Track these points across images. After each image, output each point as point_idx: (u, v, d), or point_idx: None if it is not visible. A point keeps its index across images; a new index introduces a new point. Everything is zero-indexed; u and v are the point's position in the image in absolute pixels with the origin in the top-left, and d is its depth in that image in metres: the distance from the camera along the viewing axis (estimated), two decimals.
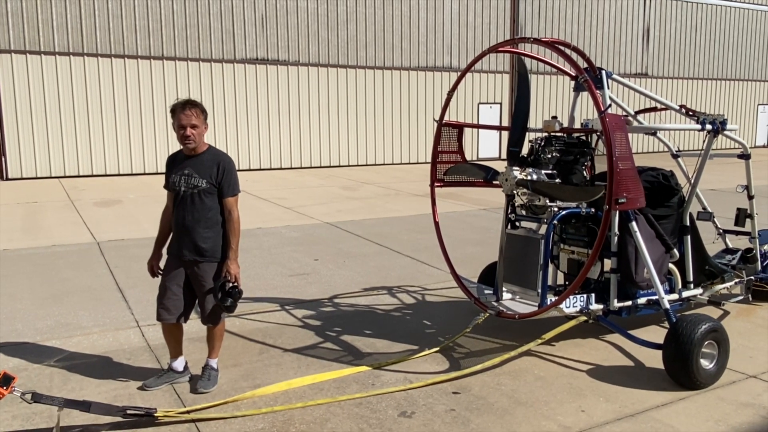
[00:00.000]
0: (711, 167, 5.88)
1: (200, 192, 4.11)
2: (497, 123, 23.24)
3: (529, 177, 4.71)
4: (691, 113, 5.17)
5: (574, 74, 4.85)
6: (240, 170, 13.35)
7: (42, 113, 17.21)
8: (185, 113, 4.05)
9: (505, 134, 5.37)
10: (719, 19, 28.70)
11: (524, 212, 5.04)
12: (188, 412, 3.83)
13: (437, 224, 5.83)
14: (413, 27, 21.79)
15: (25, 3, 16.70)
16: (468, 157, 6.08)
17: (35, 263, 7.93)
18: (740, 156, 5.69)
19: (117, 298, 6.42)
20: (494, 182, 5.10)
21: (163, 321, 4.22)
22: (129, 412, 3.65)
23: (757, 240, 5.89)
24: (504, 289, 5.05)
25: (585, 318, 4.73)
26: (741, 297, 5.82)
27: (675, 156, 6.16)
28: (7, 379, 3.35)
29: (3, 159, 16.94)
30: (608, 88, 4.64)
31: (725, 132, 5.13)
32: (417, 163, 22.31)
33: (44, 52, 17.06)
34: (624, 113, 5.40)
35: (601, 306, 4.79)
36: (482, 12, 22.83)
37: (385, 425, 3.76)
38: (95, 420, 3.74)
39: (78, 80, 17.52)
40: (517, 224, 5.06)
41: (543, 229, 4.83)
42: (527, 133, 5.13)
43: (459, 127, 5.79)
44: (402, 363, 4.67)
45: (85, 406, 3.58)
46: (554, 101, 24.54)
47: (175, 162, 4.23)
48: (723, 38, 29.00)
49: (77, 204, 12.97)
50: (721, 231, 6.26)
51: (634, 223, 4.52)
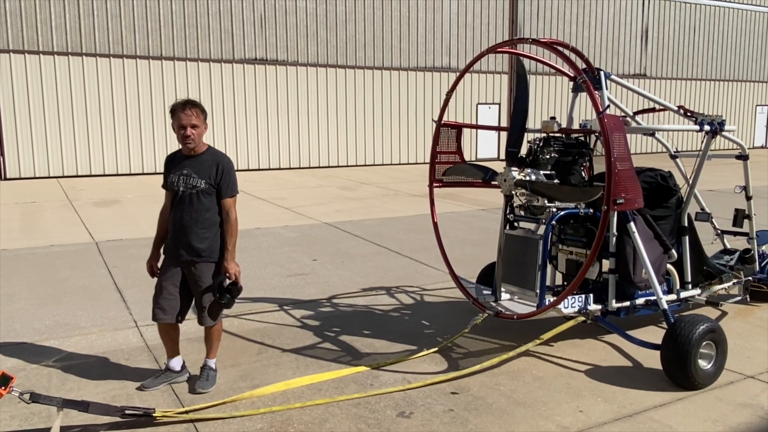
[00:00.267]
0: (709, 168, 5.89)
1: (199, 192, 4.10)
2: (496, 123, 23.26)
3: (528, 177, 4.72)
4: (690, 114, 5.17)
5: (573, 75, 4.86)
6: (238, 170, 13.37)
7: (40, 113, 17.20)
8: (186, 113, 4.04)
9: (504, 135, 5.37)
10: (717, 20, 28.74)
11: (523, 213, 5.04)
12: (186, 412, 3.83)
13: (436, 225, 5.84)
14: (412, 27, 21.80)
15: (24, 3, 16.68)
16: (467, 158, 6.08)
17: (33, 263, 7.92)
18: (738, 157, 5.70)
19: (115, 298, 6.41)
20: (493, 183, 5.11)
21: (159, 321, 4.22)
22: (127, 412, 3.65)
23: (755, 241, 5.90)
24: (502, 290, 5.05)
25: (583, 318, 4.74)
26: (739, 297, 5.82)
27: (673, 157, 6.17)
28: (6, 379, 3.35)
29: (1, 159, 16.92)
30: (607, 89, 4.64)
31: (723, 133, 5.14)
32: (416, 164, 22.32)
33: (43, 52, 17.04)
34: (622, 114, 5.41)
35: (600, 306, 4.80)
36: (481, 12, 22.85)
37: (384, 425, 3.76)
38: (94, 420, 3.74)
39: (76, 80, 17.50)
40: (516, 225, 5.06)
41: (541, 230, 4.84)
42: (526, 134, 5.14)
43: (458, 128, 5.79)
44: (400, 363, 4.68)
45: (84, 406, 3.59)
46: (553, 102, 24.57)
47: (174, 162, 4.23)
48: (721, 39, 29.04)
49: (76, 204, 12.96)
50: (720, 232, 6.27)
51: (633, 224, 4.53)
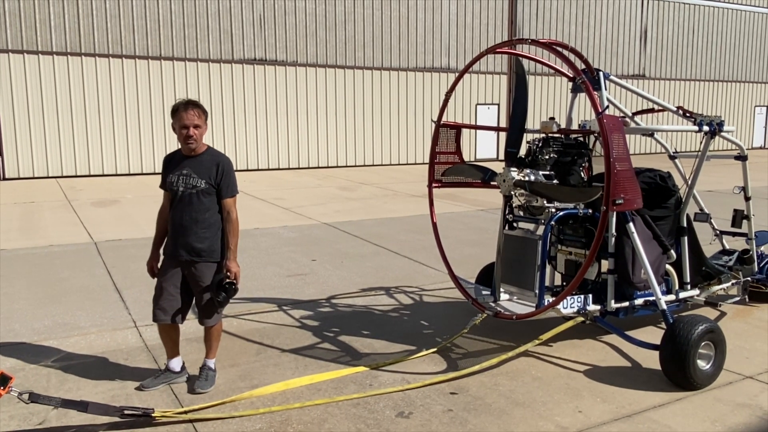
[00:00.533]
0: (708, 168, 5.90)
1: (199, 192, 4.10)
2: (495, 124, 23.27)
3: (527, 178, 4.72)
4: (689, 115, 5.18)
5: (572, 75, 4.86)
6: (238, 170, 13.37)
7: (39, 113, 17.19)
8: (189, 113, 4.04)
9: (503, 135, 5.38)
10: (716, 21, 28.77)
11: (522, 213, 5.05)
12: (186, 413, 3.83)
13: (435, 225, 5.84)
14: (411, 28, 21.81)
15: (23, 3, 16.67)
16: (466, 158, 6.08)
17: (32, 263, 7.91)
18: (737, 157, 5.71)
19: (114, 299, 6.41)
20: (492, 183, 5.11)
21: (160, 321, 4.21)
22: (126, 413, 3.65)
23: (754, 241, 5.91)
24: (501, 290, 5.05)
25: (582, 319, 4.74)
26: (738, 298, 5.83)
27: (672, 157, 6.18)
28: (5, 379, 3.34)
29: (0, 159, 16.91)
30: (606, 90, 4.65)
31: (722, 133, 5.14)
32: (415, 164, 22.33)
33: (42, 52, 17.04)
34: (621, 114, 5.42)
35: (599, 307, 4.80)
36: (480, 13, 22.86)
37: (383, 425, 3.76)
38: (93, 420, 3.73)
39: (75, 80, 17.49)
40: (515, 225, 5.06)
41: (540, 230, 4.84)
42: (525, 134, 5.14)
43: (457, 128, 5.79)
44: (400, 363, 4.68)
45: (83, 406, 3.59)
46: (552, 102, 24.59)
47: (173, 162, 4.22)
48: (720, 40, 29.08)
49: (74, 204, 12.95)
50: (718, 232, 6.28)
51: (632, 224, 4.53)
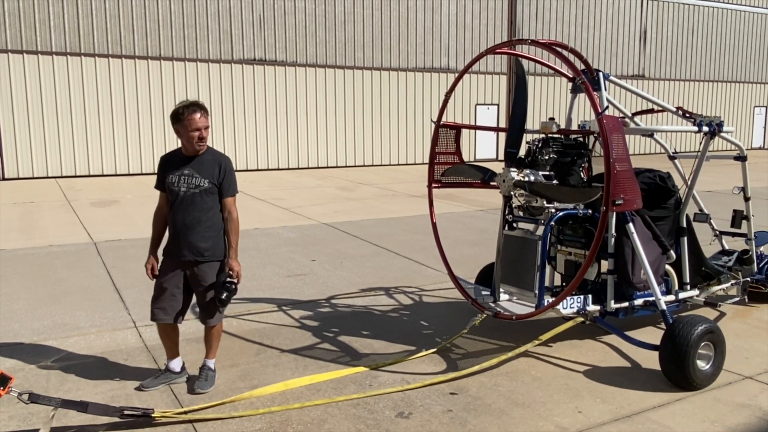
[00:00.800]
0: (707, 169, 5.91)
1: (202, 192, 4.11)
2: (495, 124, 23.28)
3: (527, 178, 4.72)
4: (688, 115, 5.18)
5: (572, 76, 4.87)
6: (237, 170, 13.35)
7: (39, 113, 17.18)
8: (200, 116, 4.07)
9: (503, 135, 5.39)
10: (716, 22, 28.79)
11: (521, 213, 5.05)
12: (185, 413, 3.83)
13: (435, 225, 5.84)
14: (411, 28, 21.81)
15: (22, 3, 16.66)
16: (465, 159, 6.08)
17: (32, 263, 7.91)
18: (737, 158, 5.71)
19: (114, 299, 6.41)
20: (492, 183, 5.11)
21: (160, 321, 4.22)
22: (126, 413, 3.65)
23: (754, 241, 5.92)
24: (501, 290, 5.05)
25: (582, 319, 4.74)
26: (737, 298, 5.83)
27: (672, 158, 6.18)
28: (4, 380, 3.35)
29: (0, 159, 16.91)
30: (605, 90, 4.65)
31: (722, 134, 5.14)
32: (414, 164, 22.33)
33: (41, 52, 17.03)
34: (621, 115, 5.42)
35: (598, 307, 4.80)
36: (480, 13, 22.87)
37: (383, 426, 3.76)
38: (92, 420, 3.73)
39: (75, 80, 17.49)
40: (515, 225, 5.06)
41: (540, 231, 4.84)
42: (525, 135, 5.14)
43: (456, 129, 5.79)
44: (399, 364, 4.68)
45: (82, 407, 3.59)
46: (551, 103, 24.59)
47: (172, 162, 4.20)
48: (719, 40, 29.09)
49: (74, 204, 12.95)
50: (718, 232, 6.28)
51: (631, 225, 4.53)
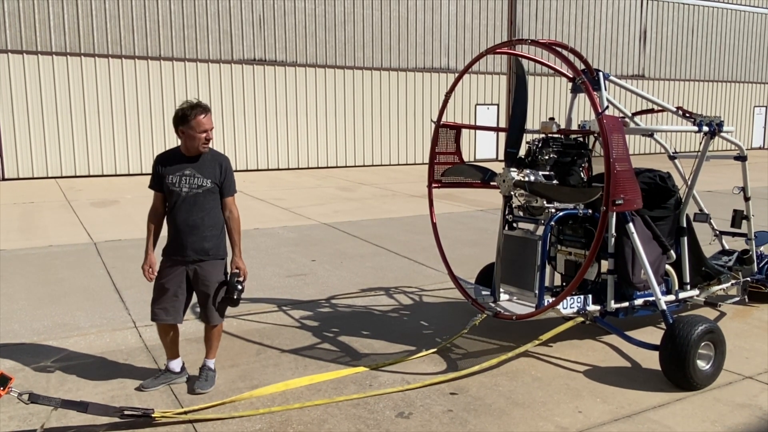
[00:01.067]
0: (707, 169, 5.91)
1: (205, 192, 4.13)
2: (495, 124, 23.28)
3: (527, 178, 4.72)
4: (688, 115, 5.18)
5: (572, 76, 4.87)
6: (237, 170, 13.31)
7: (39, 113, 17.18)
8: (207, 117, 4.09)
9: (503, 135, 5.39)
10: (715, 21, 28.79)
11: (521, 213, 5.05)
12: (185, 413, 3.83)
13: (435, 225, 5.84)
14: (411, 28, 21.81)
15: (22, 3, 16.66)
16: (465, 159, 6.08)
17: (32, 264, 7.91)
18: (737, 158, 5.71)
19: (114, 299, 6.41)
20: (492, 183, 5.11)
21: (161, 322, 4.22)
22: (126, 413, 3.65)
23: (754, 241, 5.92)
24: (501, 290, 5.05)
25: (582, 319, 4.74)
26: (737, 298, 5.83)
27: (672, 157, 6.18)
28: (4, 380, 3.35)
29: (0, 159, 16.90)
30: (605, 90, 4.65)
31: (722, 134, 5.15)
32: (414, 164, 22.33)
33: (41, 53, 17.03)
34: (621, 115, 5.42)
35: (598, 307, 4.80)
36: (480, 13, 22.87)
37: (383, 426, 3.76)
38: (92, 420, 3.73)
39: (75, 80, 17.48)
40: (515, 225, 5.06)
41: (540, 231, 4.84)
42: (525, 135, 5.15)
43: (456, 129, 5.79)
44: (399, 364, 4.68)
45: (83, 407, 3.59)
46: (551, 103, 24.59)
47: (171, 162, 4.18)
48: (719, 40, 29.09)
49: (74, 204, 12.95)
50: (718, 232, 6.28)
51: (631, 225, 4.53)
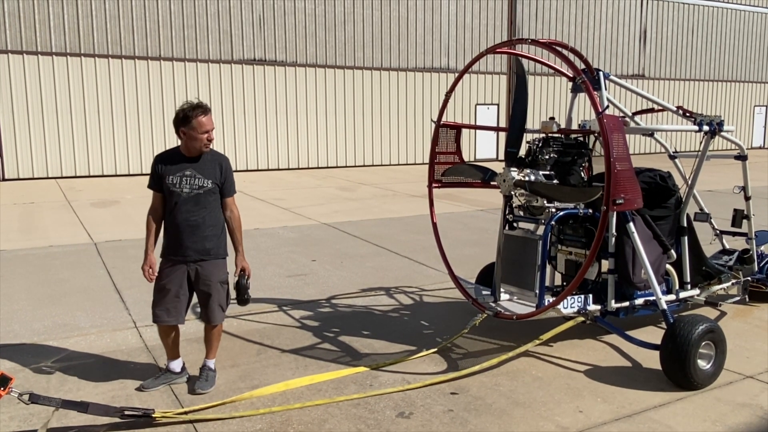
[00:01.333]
0: (708, 168, 5.90)
1: (206, 192, 4.14)
2: (495, 124, 23.27)
3: (527, 178, 4.72)
4: (688, 114, 5.18)
5: (572, 75, 4.87)
6: (237, 171, 13.30)
7: (39, 114, 17.18)
8: (208, 118, 4.10)
9: (503, 135, 5.39)
10: (716, 21, 28.78)
11: (522, 213, 5.05)
12: (186, 413, 3.83)
13: (435, 225, 5.84)
14: (411, 28, 21.81)
15: (22, 3, 16.67)
16: (466, 158, 6.08)
17: (32, 264, 7.91)
18: (737, 157, 5.71)
19: (114, 299, 6.41)
20: (492, 183, 5.11)
21: (163, 323, 4.22)
22: (126, 413, 3.65)
23: (754, 241, 5.91)
24: (502, 290, 5.05)
25: (583, 319, 4.74)
26: (738, 298, 5.83)
27: (672, 157, 6.18)
28: (5, 380, 3.35)
29: (0, 159, 16.91)
30: (605, 90, 4.65)
31: (722, 133, 5.14)
32: (414, 164, 22.33)
33: (41, 53, 17.03)
34: (621, 114, 5.42)
35: (599, 307, 4.80)
36: (480, 13, 22.87)
37: (383, 426, 3.76)
38: (93, 421, 3.73)
39: (75, 81, 17.48)
40: (515, 225, 5.06)
41: (541, 230, 4.84)
42: (525, 134, 5.14)
43: (457, 128, 5.79)
44: (400, 364, 4.68)
45: (83, 407, 3.59)
46: (552, 102, 24.59)
47: (171, 163, 4.18)
48: (719, 40, 29.09)
49: (74, 205, 12.95)
50: (718, 232, 6.28)
51: (632, 224, 4.53)
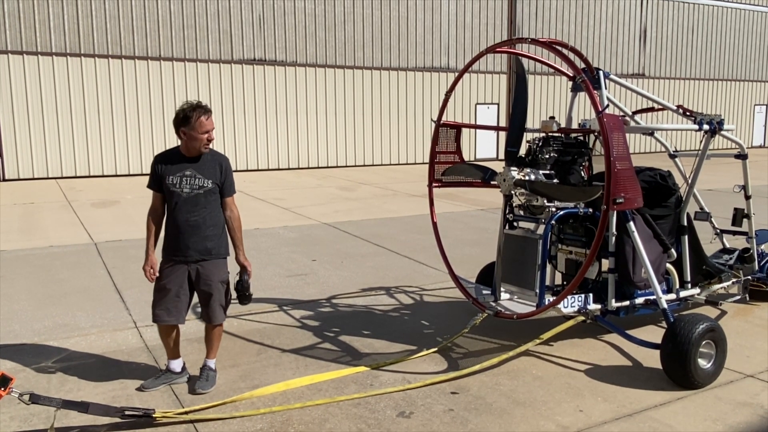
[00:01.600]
0: (708, 167, 5.90)
1: (206, 192, 4.15)
2: (495, 123, 23.27)
3: (527, 177, 4.72)
4: (689, 113, 5.18)
5: (572, 75, 4.86)
6: (237, 171, 13.28)
7: (39, 114, 17.19)
8: (208, 119, 4.10)
9: (503, 135, 5.39)
10: (716, 20, 28.77)
11: (522, 212, 5.05)
12: (186, 413, 3.83)
13: (435, 225, 5.84)
14: (411, 28, 21.81)
15: (22, 3, 16.67)
16: (466, 158, 6.08)
17: (32, 264, 7.91)
18: (737, 156, 5.71)
19: (114, 299, 6.41)
20: (492, 182, 5.11)
21: (163, 323, 4.22)
22: (127, 413, 3.65)
23: (754, 240, 5.91)
24: (502, 290, 5.05)
25: (583, 318, 4.74)
26: (738, 297, 5.83)
27: (672, 156, 6.18)
28: (5, 380, 3.35)
29: (0, 160, 16.91)
30: (606, 89, 4.65)
31: (722, 132, 5.15)
32: (415, 164, 22.33)
33: (41, 53, 17.03)
34: (621, 113, 5.42)
35: (599, 306, 4.80)
36: (480, 13, 22.86)
37: (384, 425, 3.76)
38: (93, 421, 3.73)
39: (75, 81, 17.49)
40: (515, 224, 5.06)
41: (541, 230, 4.84)
42: (525, 134, 5.14)
43: (457, 128, 5.79)
44: (400, 363, 4.68)
45: (83, 407, 3.59)
46: (552, 102, 24.58)
47: (171, 163, 4.18)
48: (719, 39, 29.08)
49: (74, 205, 12.95)
50: (719, 231, 6.28)
51: (632, 223, 4.53)
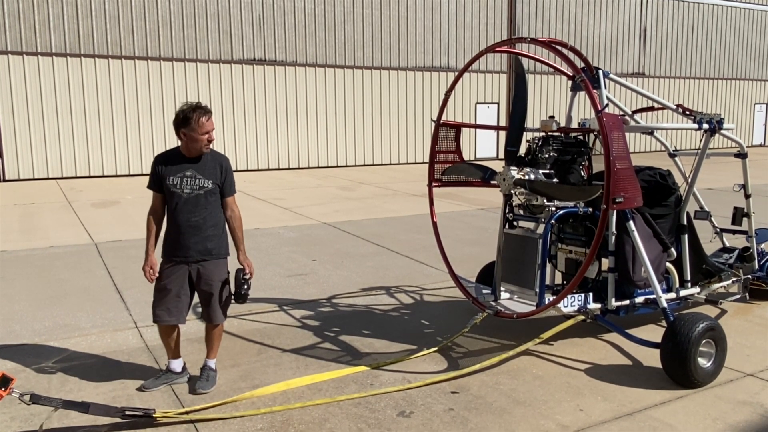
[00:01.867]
0: (708, 166, 5.90)
1: (207, 193, 4.15)
2: (495, 123, 23.27)
3: (527, 177, 4.72)
4: (688, 112, 5.18)
5: (572, 74, 4.87)
6: (237, 171, 13.28)
7: (39, 114, 17.19)
8: (209, 120, 4.11)
9: (503, 134, 5.39)
10: (716, 19, 28.77)
11: (522, 212, 5.05)
12: (187, 413, 3.84)
13: (435, 224, 5.84)
14: (411, 27, 21.81)
15: (22, 4, 16.67)
16: (466, 157, 6.08)
17: (33, 264, 7.91)
18: (737, 155, 5.71)
19: (115, 299, 6.41)
20: (492, 182, 5.11)
21: (164, 323, 4.22)
22: (127, 413, 3.65)
23: (754, 239, 5.91)
24: (502, 289, 5.05)
25: (583, 317, 4.74)
26: (738, 296, 5.83)
27: (672, 155, 6.18)
28: (6, 381, 3.35)
29: (0, 160, 16.91)
30: (605, 88, 4.65)
31: (722, 131, 5.15)
32: (415, 164, 22.33)
33: (41, 53, 17.04)
34: (621, 113, 5.42)
35: (599, 305, 4.80)
36: (479, 12, 22.86)
37: (384, 425, 3.77)
38: (93, 421, 3.74)
39: (75, 81, 17.49)
40: (515, 224, 5.06)
41: (541, 229, 4.84)
42: (525, 133, 5.14)
43: (456, 127, 5.79)
44: (400, 363, 4.68)
45: (84, 407, 3.60)
46: (552, 101, 24.58)
47: (171, 163, 4.18)
48: (719, 38, 29.07)
49: (75, 205, 12.95)
50: (719, 230, 6.28)
51: (632, 223, 4.53)
